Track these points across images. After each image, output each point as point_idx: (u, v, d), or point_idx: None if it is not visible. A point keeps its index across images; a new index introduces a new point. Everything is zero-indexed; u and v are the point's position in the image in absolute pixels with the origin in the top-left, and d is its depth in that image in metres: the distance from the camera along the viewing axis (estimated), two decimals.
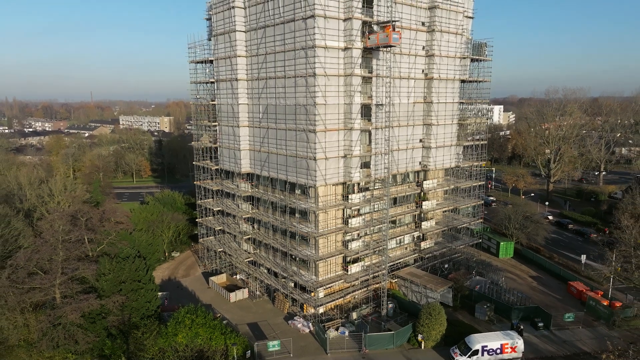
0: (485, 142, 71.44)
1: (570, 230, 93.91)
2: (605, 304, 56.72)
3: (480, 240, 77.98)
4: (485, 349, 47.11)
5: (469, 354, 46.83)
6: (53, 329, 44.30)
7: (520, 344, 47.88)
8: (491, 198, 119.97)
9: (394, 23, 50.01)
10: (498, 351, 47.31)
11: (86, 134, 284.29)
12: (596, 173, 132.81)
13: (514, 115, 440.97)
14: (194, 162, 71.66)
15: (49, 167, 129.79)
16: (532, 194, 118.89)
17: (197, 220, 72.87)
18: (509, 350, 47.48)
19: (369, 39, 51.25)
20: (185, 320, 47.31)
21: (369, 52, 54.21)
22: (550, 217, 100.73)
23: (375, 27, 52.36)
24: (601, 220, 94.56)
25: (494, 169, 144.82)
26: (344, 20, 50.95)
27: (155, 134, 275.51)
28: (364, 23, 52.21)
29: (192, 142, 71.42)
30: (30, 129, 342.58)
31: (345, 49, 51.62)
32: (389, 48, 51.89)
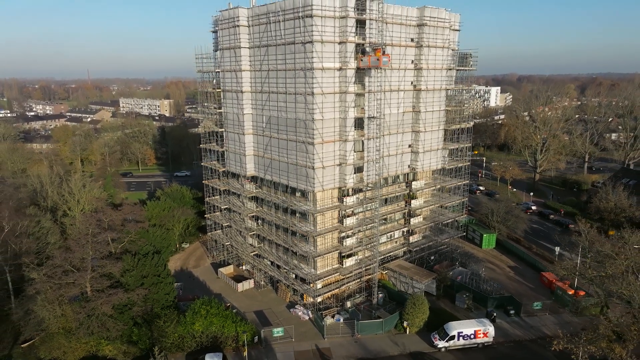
0: (470, 144, 77.36)
1: (551, 221, 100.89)
2: (570, 293, 64.08)
3: (465, 233, 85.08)
4: (460, 334, 54.49)
5: (447, 338, 54.24)
6: (88, 319, 51.39)
7: (491, 330, 55.29)
8: (480, 187, 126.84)
9: (384, 47, 55.58)
10: (472, 336, 54.70)
11: (88, 119, 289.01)
12: (584, 161, 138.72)
13: (510, 96, 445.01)
14: (202, 163, 77.85)
15: (63, 162, 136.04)
16: (514, 190, 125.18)
17: (205, 216, 79.51)
18: (482, 335, 54.88)
19: (361, 60, 56.88)
20: (201, 310, 54.54)
21: (362, 69, 59.82)
22: (533, 208, 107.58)
23: (367, 48, 57.85)
24: (580, 211, 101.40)
25: (484, 158, 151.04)
26: (339, 43, 56.47)
27: (157, 118, 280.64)
28: (357, 45, 57.77)
29: (201, 145, 77.47)
30: (32, 113, 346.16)
31: (340, 69, 57.29)
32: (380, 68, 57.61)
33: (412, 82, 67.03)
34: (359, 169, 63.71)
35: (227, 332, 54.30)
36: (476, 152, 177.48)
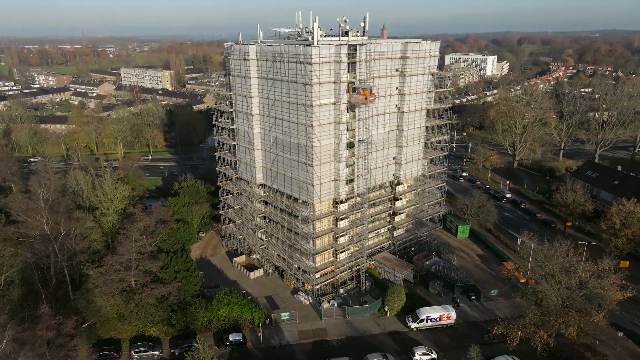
0: (447, 153, 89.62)
1: (522, 209, 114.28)
2: (523, 281, 78.40)
3: (443, 224, 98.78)
4: (429, 317, 69.16)
5: (418, 321, 68.98)
6: (137, 307, 65.73)
7: (453, 314, 69.97)
8: (464, 174, 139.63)
9: (371, 87, 67.05)
10: (437, 319, 69.38)
11: (94, 93, 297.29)
12: (560, 148, 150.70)
13: (507, 63, 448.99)
14: (217, 168, 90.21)
15: (79, 147, 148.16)
16: (495, 176, 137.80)
17: (220, 212, 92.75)
18: (445, 318, 69.59)
19: (352, 97, 68.42)
20: (224, 300, 68.91)
21: None
22: (508, 196, 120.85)
23: (357, 85, 69.10)
24: (549, 199, 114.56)
25: (470, 144, 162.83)
26: (334, 83, 67.83)
27: (160, 92, 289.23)
28: (349, 83, 69.13)
29: (215, 153, 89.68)
30: (36, 85, 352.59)
31: (335, 103, 68.90)
32: None
33: (396, 105, 78.56)
34: (350, 181, 76.39)
35: (245, 316, 68.90)
36: (464, 134, 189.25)
